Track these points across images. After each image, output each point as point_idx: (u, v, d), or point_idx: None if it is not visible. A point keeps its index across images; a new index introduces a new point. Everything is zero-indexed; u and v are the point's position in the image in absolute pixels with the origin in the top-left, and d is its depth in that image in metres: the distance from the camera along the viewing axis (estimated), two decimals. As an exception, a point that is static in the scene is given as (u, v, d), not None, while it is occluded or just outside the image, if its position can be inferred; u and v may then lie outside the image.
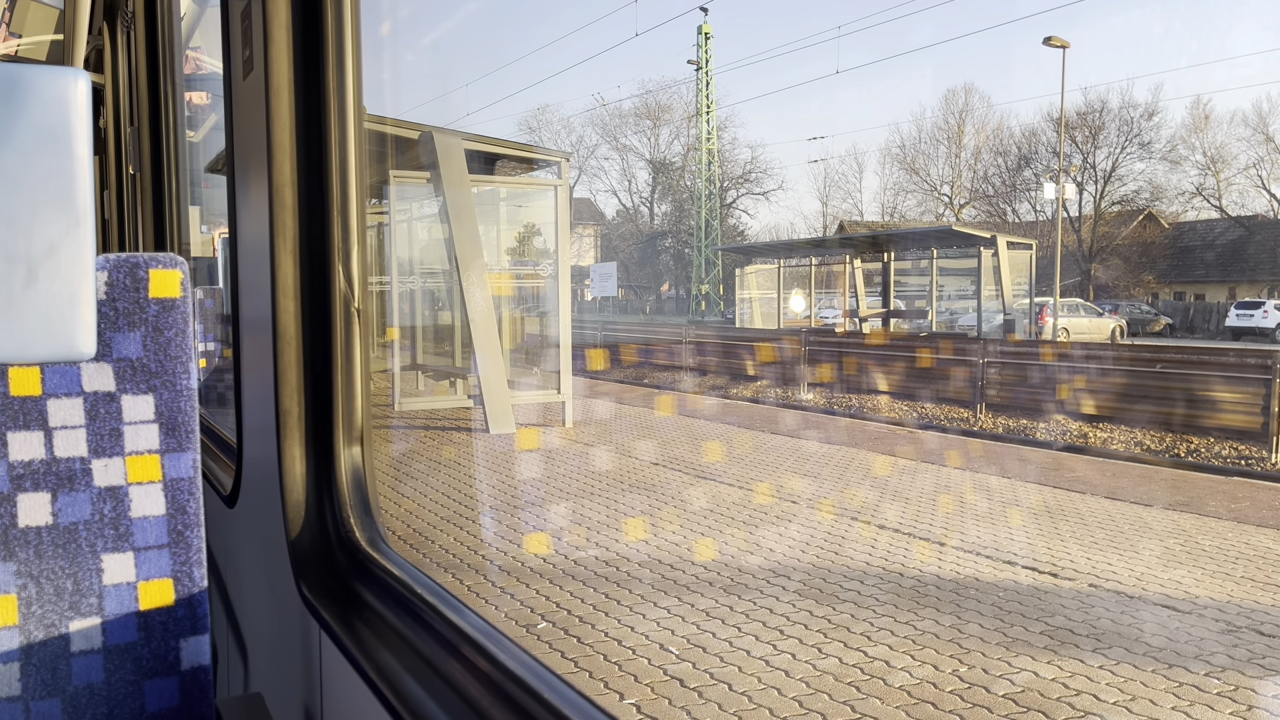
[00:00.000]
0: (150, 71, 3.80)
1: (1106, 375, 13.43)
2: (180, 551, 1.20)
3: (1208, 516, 7.35)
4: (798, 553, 6.17)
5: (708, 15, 51.29)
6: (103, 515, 1.17)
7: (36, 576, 1.14)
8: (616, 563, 5.90)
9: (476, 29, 71.31)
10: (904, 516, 7.19)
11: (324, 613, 1.35)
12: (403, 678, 1.12)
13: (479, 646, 1.07)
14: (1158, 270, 42.53)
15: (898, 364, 16.06)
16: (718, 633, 4.73)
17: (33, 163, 1.09)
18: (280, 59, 1.46)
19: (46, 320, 1.11)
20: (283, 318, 1.49)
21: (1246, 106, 64.23)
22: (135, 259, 1.19)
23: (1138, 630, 4.83)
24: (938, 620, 4.92)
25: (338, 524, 1.47)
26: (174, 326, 1.21)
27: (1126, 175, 45.51)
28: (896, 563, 5.96)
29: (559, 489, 8.12)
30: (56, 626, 1.14)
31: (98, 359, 1.18)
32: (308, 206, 1.49)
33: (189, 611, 1.21)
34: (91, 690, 1.16)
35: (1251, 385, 11.26)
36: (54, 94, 1.09)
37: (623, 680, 4.20)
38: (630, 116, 63.94)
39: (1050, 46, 34.26)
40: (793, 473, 9.03)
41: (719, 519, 7.11)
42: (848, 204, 56.67)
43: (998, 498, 8.03)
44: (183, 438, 1.21)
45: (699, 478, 8.69)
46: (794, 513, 7.36)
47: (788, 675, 4.24)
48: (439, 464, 9.39)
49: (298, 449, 1.50)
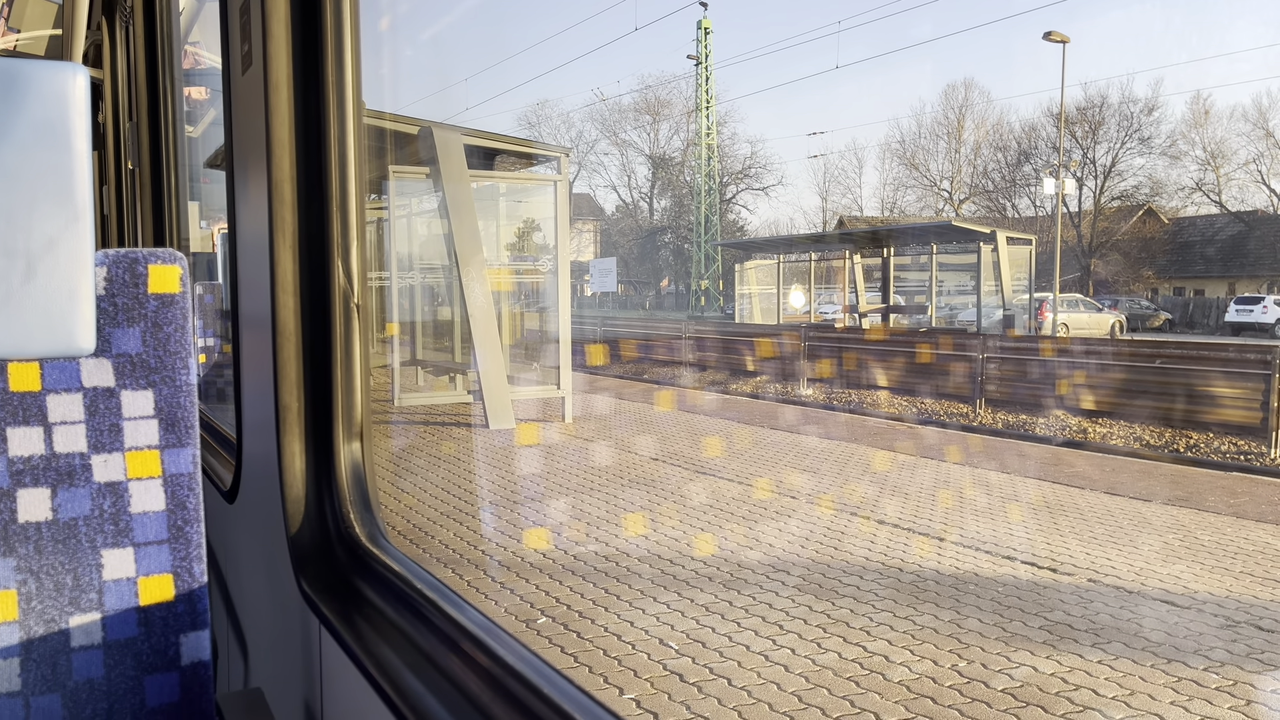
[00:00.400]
0: (149, 66, 3.79)
1: (1106, 370, 13.43)
2: (180, 547, 1.20)
3: (1207, 512, 7.36)
4: (797, 548, 6.17)
5: (707, 10, 51.27)
6: (102, 511, 1.17)
7: (36, 572, 1.14)
8: (616, 558, 5.91)
9: (476, 24, 71.27)
10: (903, 511, 7.20)
11: (324, 608, 1.35)
12: (402, 673, 1.13)
13: (478, 641, 1.07)
14: (1157, 265, 42.54)
15: (897, 359, 16.06)
16: (717, 628, 4.74)
17: (31, 158, 1.08)
18: (279, 54, 1.46)
19: (46, 315, 1.11)
20: (282, 313, 1.49)
21: (1246, 101, 64.34)
22: (134, 254, 1.19)
23: (1137, 625, 4.84)
24: (937, 615, 4.93)
25: (337, 519, 1.48)
26: (173, 322, 1.21)
27: (1126, 170, 45.56)
28: (896, 558, 5.96)
29: (559, 484, 8.13)
30: (56, 622, 1.14)
31: (97, 354, 1.18)
32: (307, 202, 1.49)
33: (189, 607, 1.21)
34: (91, 685, 1.16)
35: (1251, 380, 11.26)
36: (53, 89, 1.09)
37: (622, 675, 4.21)
38: (630, 111, 63.90)
39: (1050, 41, 34.23)
40: (792, 468, 9.04)
41: (718, 514, 7.12)
42: (847, 199, 56.73)
43: (997, 493, 8.03)
44: (182, 433, 1.21)
45: (698, 473, 8.69)
46: (793, 508, 7.37)
47: (787, 670, 4.25)
48: (438, 459, 9.39)
49: (297, 444, 1.50)
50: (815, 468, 9.08)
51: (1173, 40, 57.87)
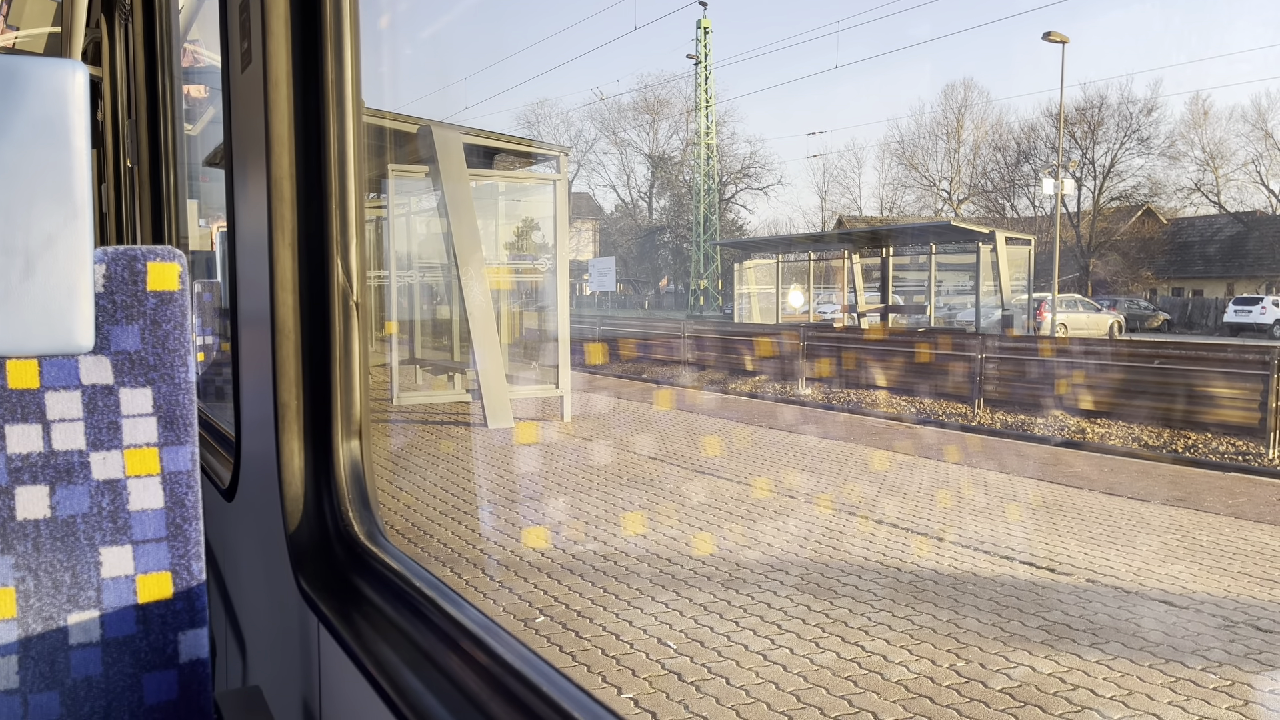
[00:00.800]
0: (148, 64, 3.79)
1: (1105, 371, 13.44)
2: (178, 545, 1.20)
3: (1205, 512, 7.36)
4: (796, 547, 6.17)
5: (707, 10, 51.25)
6: (101, 508, 1.17)
7: (35, 569, 1.14)
8: (614, 557, 5.91)
9: (476, 23, 71.26)
10: (902, 511, 7.20)
11: (322, 606, 1.35)
12: (401, 671, 1.12)
13: (477, 640, 1.07)
14: (1156, 266, 42.55)
15: (895, 359, 16.07)
16: (715, 627, 4.74)
17: (30, 155, 1.08)
18: (279, 52, 1.46)
19: (44, 313, 1.11)
20: (281, 311, 1.49)
21: (1245, 102, 64.40)
22: (133, 252, 1.19)
23: (1135, 625, 4.84)
24: (935, 615, 4.93)
25: (336, 518, 1.47)
26: (172, 320, 1.21)
27: (1125, 171, 45.57)
28: (894, 557, 5.96)
29: (557, 483, 8.13)
30: (55, 619, 1.14)
31: (95, 352, 1.17)
32: (306, 200, 1.49)
33: (187, 605, 1.21)
34: (90, 683, 1.16)
35: (1249, 381, 11.27)
36: (51, 86, 1.09)
37: (620, 674, 4.21)
38: (629, 111, 63.84)
39: (1050, 41, 34.24)
40: (791, 467, 9.04)
41: (717, 513, 7.12)
42: (846, 199, 56.72)
43: (995, 493, 8.03)
44: (181, 431, 1.21)
45: (697, 472, 8.69)
46: (792, 507, 7.37)
47: (785, 669, 4.25)
48: (437, 458, 9.39)
49: (296, 443, 1.50)
50: (814, 467, 9.09)
51: (1172, 41, 57.94)
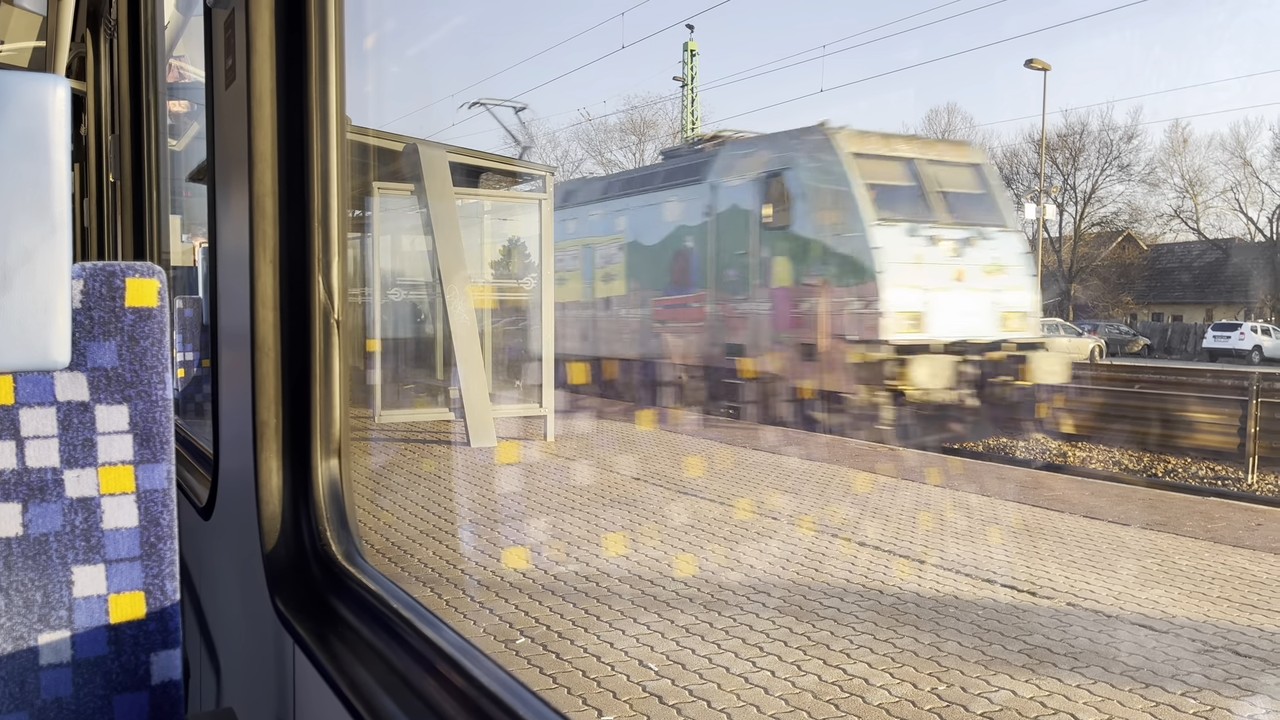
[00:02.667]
0: (133, 79, 3.78)
1: (1085, 395, 13.53)
2: (153, 564, 1.19)
3: (1185, 536, 7.40)
4: (778, 569, 6.16)
5: (693, 33, 51.65)
6: (74, 526, 1.15)
7: (5, 588, 1.12)
8: (596, 578, 5.88)
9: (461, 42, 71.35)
10: (883, 534, 7.20)
11: (298, 627, 1.33)
12: (377, 694, 1.11)
13: (454, 663, 1.06)
14: (1136, 291, 42.97)
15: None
16: (697, 649, 4.72)
17: (9, 169, 1.07)
18: (263, 69, 1.46)
19: (20, 328, 1.10)
20: (261, 328, 1.48)
21: (1224, 130, 65.20)
22: (112, 267, 1.18)
23: (1115, 649, 4.85)
24: (916, 638, 4.92)
25: (314, 537, 1.46)
26: (150, 336, 1.20)
27: (1106, 197, 46.03)
28: (876, 580, 5.96)
29: (539, 503, 8.09)
30: (25, 639, 1.12)
31: (72, 368, 1.16)
32: (288, 217, 1.48)
33: (160, 625, 1.19)
34: (60, 704, 1.14)
35: (1228, 406, 11.38)
36: (32, 100, 1.08)
37: (601, 696, 4.18)
38: (615, 131, 64.06)
39: (1032, 69, 34.64)
40: (773, 488, 9.04)
41: (699, 534, 7.10)
42: (831, 221, 56.96)
43: (976, 516, 8.05)
44: (157, 449, 1.20)
45: (679, 493, 8.68)
46: (774, 529, 7.36)
47: (767, 692, 4.23)
48: (418, 477, 9.33)
49: (275, 461, 1.49)
50: (796, 488, 9.09)
51: (1152, 69, 58.74)
